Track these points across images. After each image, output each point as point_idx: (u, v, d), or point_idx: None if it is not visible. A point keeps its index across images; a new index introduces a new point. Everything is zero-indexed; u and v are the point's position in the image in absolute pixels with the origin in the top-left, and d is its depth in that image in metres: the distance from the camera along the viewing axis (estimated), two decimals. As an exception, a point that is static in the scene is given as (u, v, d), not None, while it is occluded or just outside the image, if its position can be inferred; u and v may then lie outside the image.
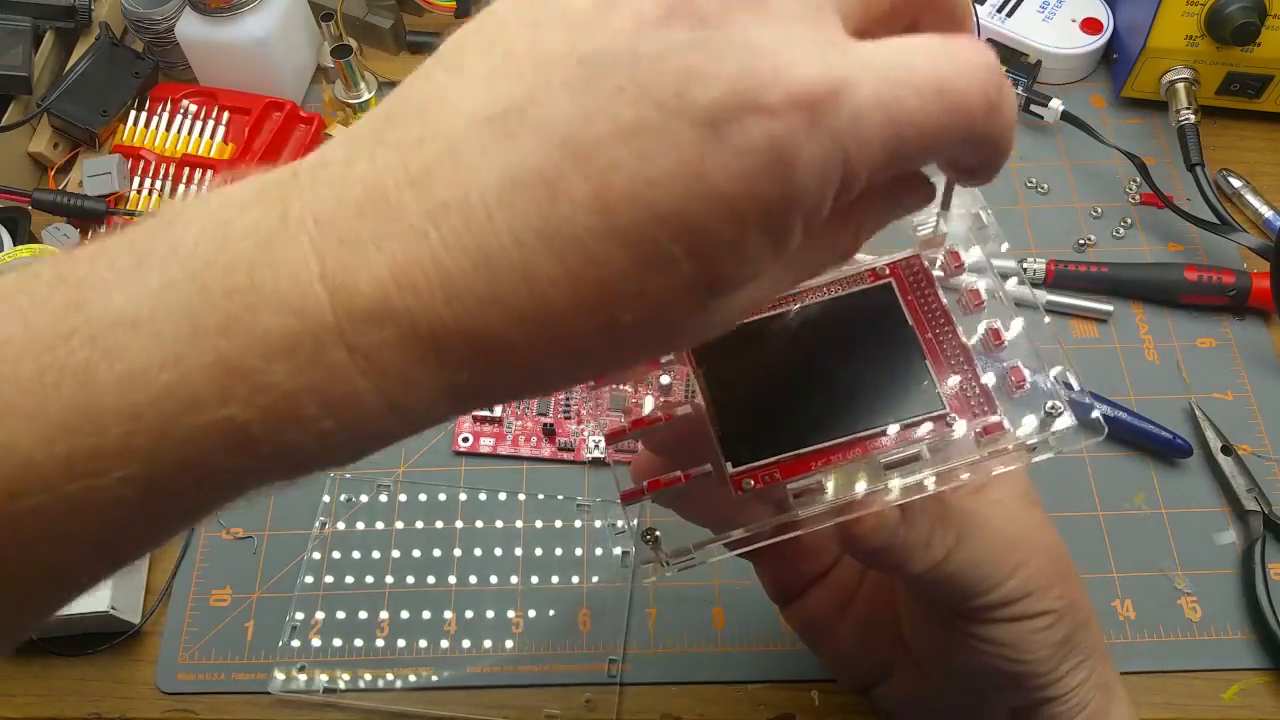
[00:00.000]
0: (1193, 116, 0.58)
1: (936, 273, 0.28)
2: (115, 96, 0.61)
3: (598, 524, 0.50)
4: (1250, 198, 0.59)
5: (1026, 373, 0.26)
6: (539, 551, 0.49)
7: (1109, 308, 0.55)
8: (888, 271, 0.28)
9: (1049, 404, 0.25)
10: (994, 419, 0.26)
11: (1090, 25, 0.63)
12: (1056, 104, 0.60)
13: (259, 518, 0.51)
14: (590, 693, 0.45)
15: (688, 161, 0.19)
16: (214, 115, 0.61)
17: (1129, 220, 0.58)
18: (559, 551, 0.49)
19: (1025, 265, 0.56)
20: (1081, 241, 0.58)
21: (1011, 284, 0.26)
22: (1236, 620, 0.47)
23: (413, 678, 0.46)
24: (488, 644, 0.47)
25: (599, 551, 0.49)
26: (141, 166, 0.60)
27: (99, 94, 0.61)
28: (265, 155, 0.60)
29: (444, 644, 0.47)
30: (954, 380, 0.27)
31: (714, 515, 0.30)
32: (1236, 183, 0.59)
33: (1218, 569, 0.48)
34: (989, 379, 0.27)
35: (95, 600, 0.45)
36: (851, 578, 0.37)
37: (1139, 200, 0.59)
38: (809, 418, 0.27)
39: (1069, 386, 0.26)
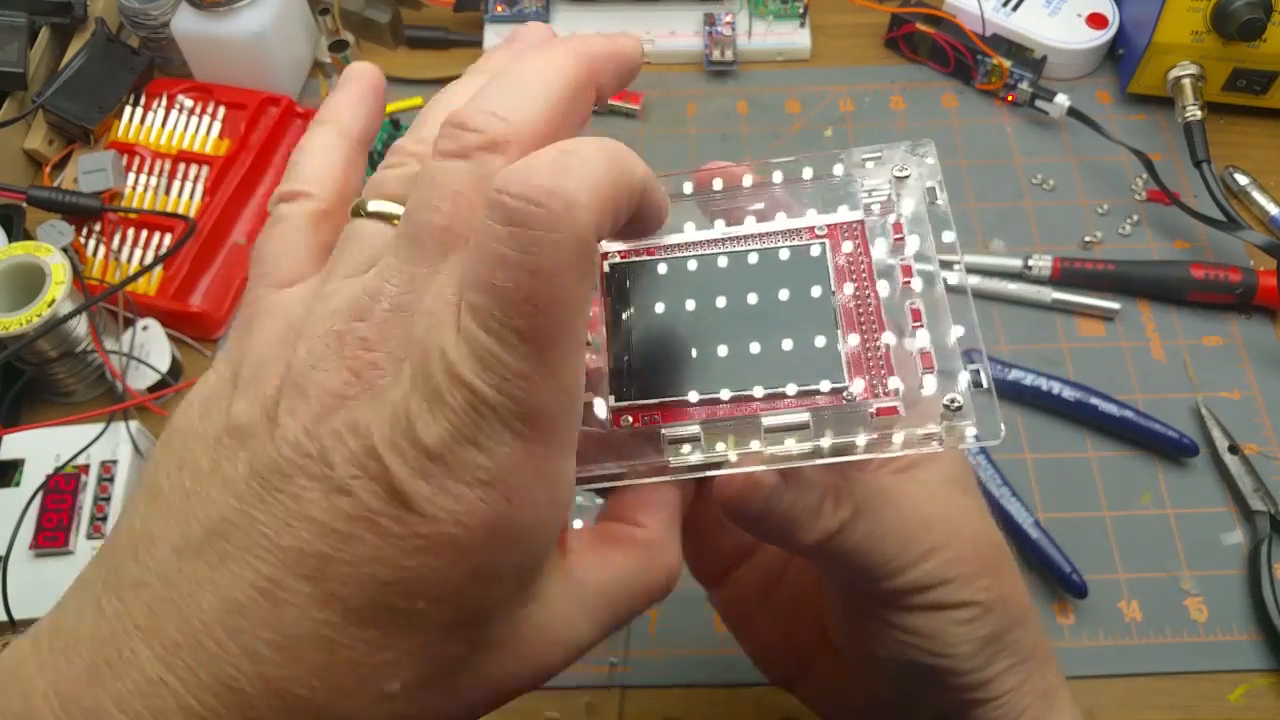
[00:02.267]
0: (1199, 112, 0.57)
1: (878, 244, 0.28)
2: (111, 92, 0.61)
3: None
4: (1256, 195, 0.58)
5: (935, 360, 0.25)
6: (539, 552, 0.48)
7: (1115, 305, 0.54)
8: (825, 232, 0.28)
9: (949, 397, 0.24)
10: (890, 403, 0.25)
11: (1096, 20, 0.63)
12: (1062, 99, 0.60)
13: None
14: (590, 696, 0.45)
15: (390, 529, 0.20)
16: (210, 111, 0.61)
17: (1135, 217, 0.58)
18: (559, 552, 0.48)
19: (1031, 263, 0.55)
20: (1088, 239, 0.57)
21: (1014, 284, 0.25)
22: (1243, 621, 0.46)
23: (411, 680, 0.46)
24: (487, 646, 0.46)
25: (599, 552, 0.48)
26: (137, 162, 0.59)
27: (94, 90, 0.60)
28: (261, 150, 0.60)
29: (443, 646, 0.46)
30: (861, 354, 0.26)
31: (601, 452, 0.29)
32: (1243, 179, 0.59)
33: (1224, 569, 0.47)
34: (897, 360, 0.26)
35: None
36: (776, 562, 0.35)
37: (1145, 197, 0.59)
38: (709, 368, 0.26)
39: (977, 384, 0.25)
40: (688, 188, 0.29)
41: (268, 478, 0.21)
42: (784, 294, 0.27)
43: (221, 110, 0.61)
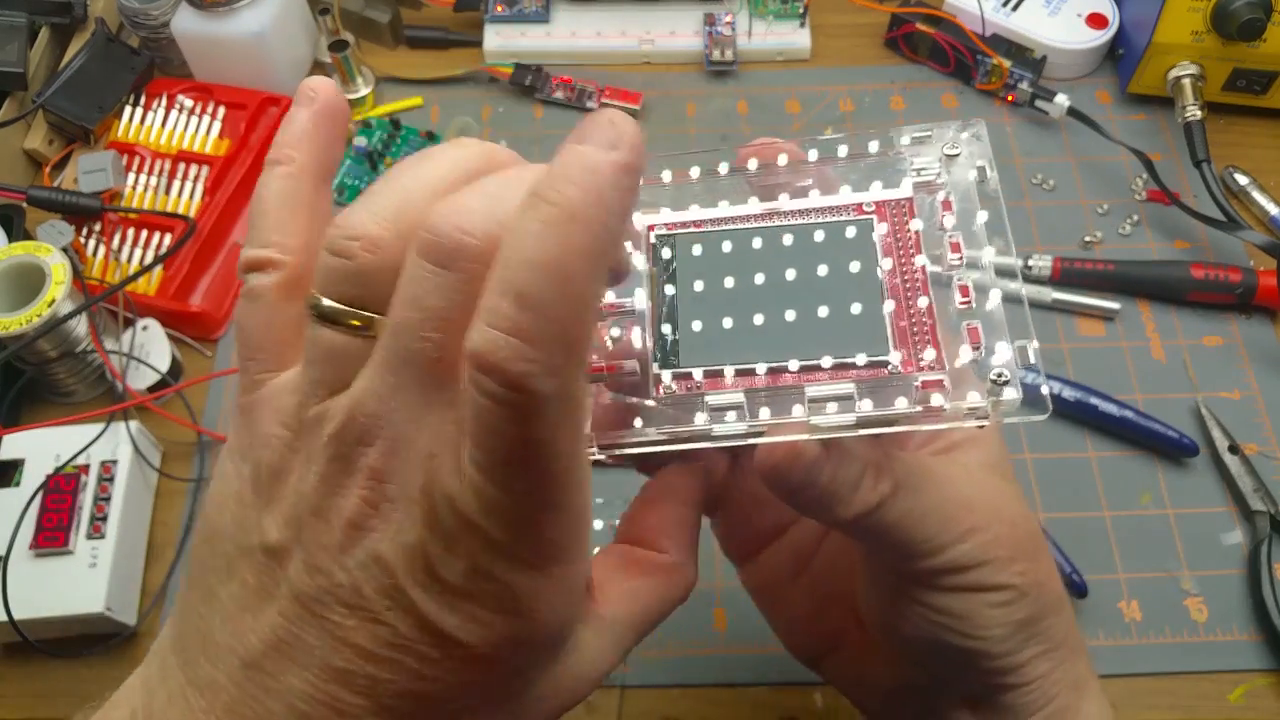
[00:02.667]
0: (1199, 112, 0.57)
1: (923, 222, 0.28)
2: (111, 92, 0.61)
3: (598, 524, 0.49)
4: (1256, 194, 0.58)
5: (983, 336, 0.25)
6: (539, 552, 0.48)
7: (1115, 305, 0.54)
8: (873, 208, 0.28)
9: (995, 372, 0.24)
10: (935, 376, 0.25)
11: (1096, 20, 0.63)
12: (1062, 99, 0.60)
13: (256, 518, 0.50)
14: (590, 695, 0.45)
15: (431, 656, 0.22)
16: (210, 111, 0.61)
17: (1135, 217, 0.58)
18: (559, 552, 0.48)
19: (1031, 263, 0.55)
20: (1088, 239, 0.57)
21: (1014, 284, 0.25)
22: (1243, 621, 0.46)
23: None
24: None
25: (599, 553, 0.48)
26: (137, 162, 0.59)
27: (94, 90, 0.60)
28: (262, 150, 0.60)
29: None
30: (906, 328, 0.26)
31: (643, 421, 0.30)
32: (1243, 179, 0.59)
33: (1224, 569, 0.47)
34: (942, 335, 0.26)
35: (91, 601, 0.45)
36: (809, 540, 0.35)
37: (1145, 197, 0.59)
38: (754, 338, 0.26)
39: (1027, 362, 0.25)
40: (725, 168, 0.29)
41: (308, 604, 0.22)
42: (830, 269, 0.27)
43: (221, 110, 0.61)
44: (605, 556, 0.28)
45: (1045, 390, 0.24)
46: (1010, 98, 0.62)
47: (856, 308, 0.26)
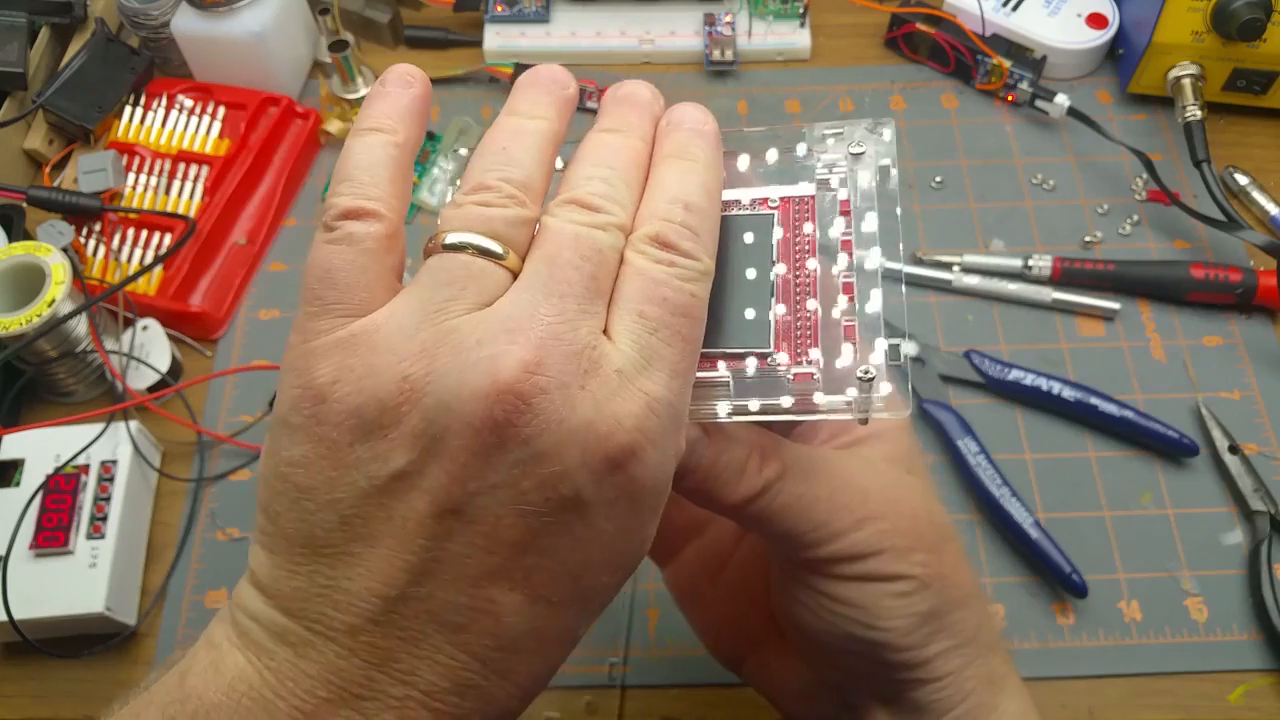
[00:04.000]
0: (1199, 112, 0.57)
1: (825, 218, 0.29)
2: (111, 92, 0.61)
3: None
4: (1256, 194, 0.58)
5: (858, 333, 0.27)
6: (539, 552, 0.48)
7: (1115, 305, 0.54)
8: (778, 204, 0.29)
9: (863, 369, 0.26)
10: (806, 369, 0.27)
11: (1096, 20, 0.63)
12: (1062, 99, 0.60)
13: (254, 518, 0.50)
14: (590, 695, 0.45)
15: (581, 534, 0.24)
16: (210, 111, 0.61)
17: (1135, 217, 0.58)
18: (559, 552, 0.48)
19: (1031, 263, 0.55)
20: (1088, 238, 0.57)
21: (1014, 284, 0.26)
22: (1243, 621, 0.46)
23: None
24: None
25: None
26: (137, 162, 0.59)
27: (94, 90, 0.60)
28: (261, 150, 0.60)
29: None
30: (790, 323, 0.27)
31: None
32: (1243, 179, 0.59)
33: (1224, 569, 0.47)
34: (823, 333, 0.27)
35: (91, 601, 0.45)
36: (726, 540, 0.36)
37: (1145, 197, 0.59)
38: (715, 319, 0.27)
39: (896, 360, 0.27)
40: None
41: (456, 513, 0.23)
42: (732, 258, 0.28)
43: (221, 110, 0.61)
44: None
45: (896, 388, 0.26)
46: (1010, 98, 0.62)
47: (748, 308, 0.28)
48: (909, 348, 0.26)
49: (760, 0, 0.65)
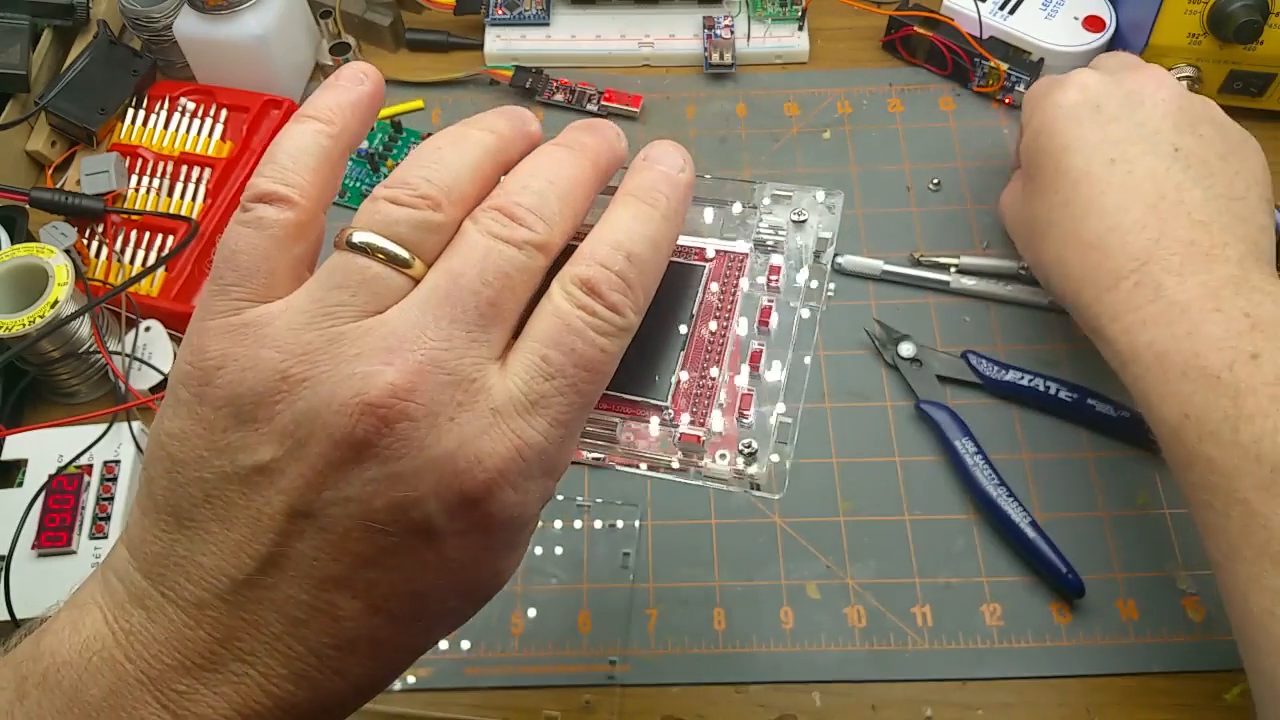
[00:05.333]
0: (1196, 114, 0.57)
1: (753, 280, 0.29)
2: (113, 94, 0.61)
3: (598, 524, 0.49)
4: (1253, 196, 0.58)
5: (753, 404, 0.27)
6: (539, 552, 0.49)
7: (1111, 307, 0.54)
8: (712, 257, 0.29)
9: (744, 442, 0.26)
10: (694, 431, 0.27)
11: (1092, 23, 0.63)
12: (1059, 102, 0.60)
13: (257, 518, 0.50)
14: (590, 694, 0.45)
15: (426, 559, 0.24)
16: (212, 113, 0.61)
17: (1131, 219, 0.58)
18: (559, 551, 0.49)
19: (1026, 267, 0.55)
20: (1084, 240, 0.57)
21: (1011, 286, 0.26)
22: (1240, 621, 0.46)
23: (411, 679, 0.46)
24: (487, 645, 0.47)
25: (599, 552, 0.49)
26: (139, 165, 0.59)
27: (97, 92, 0.61)
28: (263, 153, 0.60)
29: (443, 645, 0.47)
30: (692, 383, 0.28)
31: None
32: (1239, 181, 0.59)
33: (1221, 569, 0.48)
34: (723, 396, 0.27)
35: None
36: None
37: (1141, 199, 0.59)
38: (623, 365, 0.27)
39: (782, 440, 0.27)
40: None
41: (308, 515, 0.23)
42: (662, 303, 0.28)
43: (223, 113, 0.61)
44: None
45: (772, 467, 0.26)
46: (1008, 100, 0.63)
47: (657, 359, 0.28)
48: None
49: (759, 3, 0.65)
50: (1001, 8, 0.63)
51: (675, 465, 0.27)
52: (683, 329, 0.28)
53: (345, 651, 0.24)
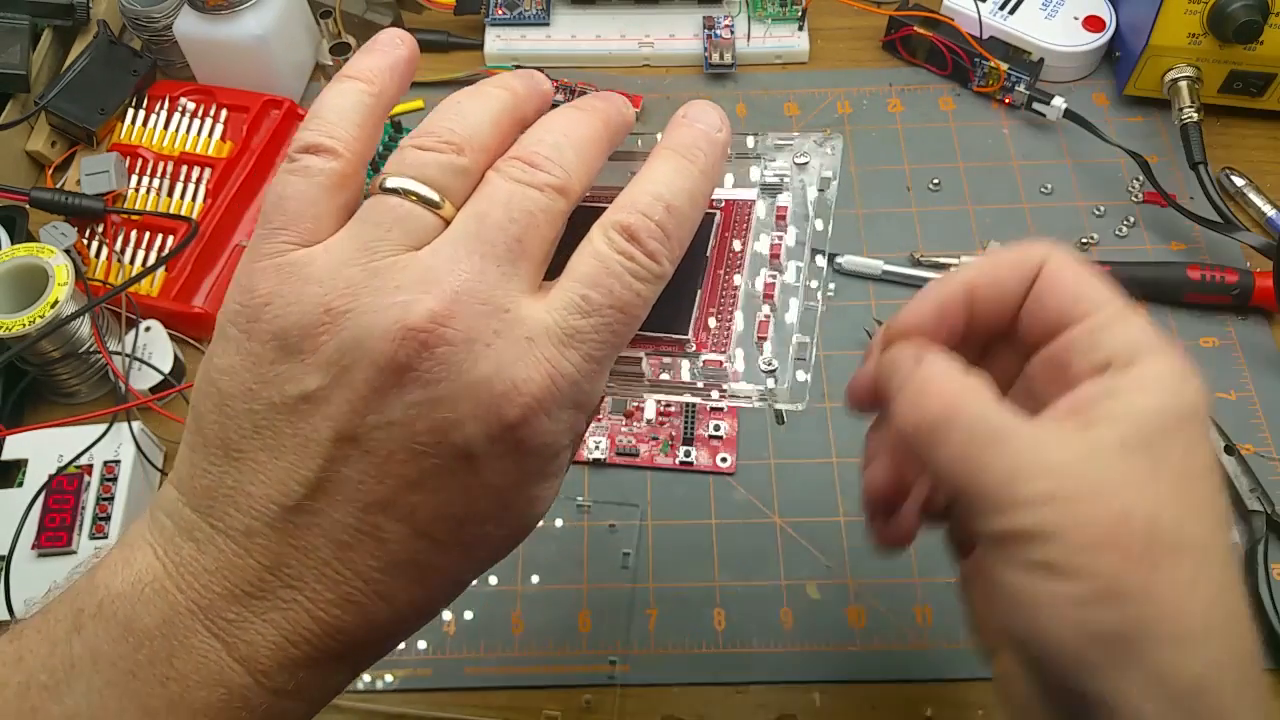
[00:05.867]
0: (1195, 115, 0.57)
1: (763, 225, 0.30)
2: (113, 94, 0.61)
3: (598, 524, 0.49)
4: (1253, 196, 0.58)
5: (770, 329, 0.28)
6: (540, 551, 0.49)
7: (1111, 307, 0.54)
8: (721, 204, 0.30)
9: (765, 359, 0.28)
10: (716, 356, 0.28)
11: (1092, 23, 0.63)
12: (1059, 102, 0.60)
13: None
14: (590, 694, 0.45)
15: (467, 482, 0.25)
16: (212, 113, 0.61)
17: (1132, 219, 0.58)
18: (559, 552, 0.49)
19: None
20: (1084, 240, 0.57)
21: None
22: (1239, 621, 0.46)
23: (412, 679, 0.46)
24: (487, 645, 0.47)
25: (599, 552, 0.49)
26: (139, 165, 0.59)
27: (97, 92, 0.61)
28: (263, 153, 0.60)
29: (443, 645, 0.47)
30: (709, 316, 0.29)
31: None
32: (1239, 181, 0.59)
33: (1221, 569, 0.48)
34: (739, 325, 0.29)
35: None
36: None
37: (1142, 199, 0.59)
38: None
39: (801, 358, 0.28)
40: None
41: (353, 440, 0.24)
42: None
43: (224, 113, 0.61)
44: None
45: (804, 377, 0.28)
46: (1007, 100, 0.63)
47: (676, 298, 0.29)
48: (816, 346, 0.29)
49: (759, 3, 0.65)
50: (1001, 8, 0.63)
51: (700, 386, 0.28)
52: (698, 270, 0.29)
53: (390, 575, 0.25)
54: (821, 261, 0.29)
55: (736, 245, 0.30)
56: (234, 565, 0.25)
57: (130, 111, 0.61)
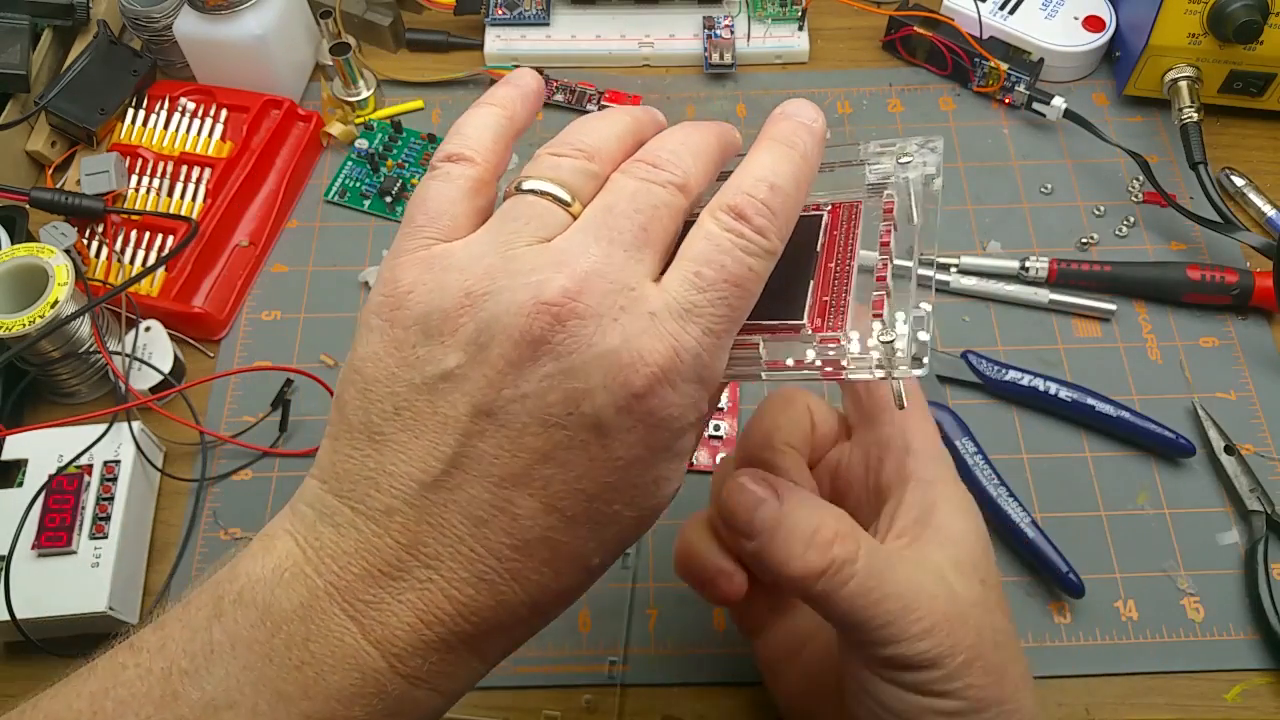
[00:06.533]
0: (1195, 115, 0.57)
1: (871, 222, 0.32)
2: (113, 94, 0.61)
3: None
4: (1253, 196, 0.58)
5: (888, 309, 0.29)
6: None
7: (1112, 307, 0.55)
8: (829, 208, 0.32)
9: (885, 335, 0.28)
10: (834, 334, 0.29)
11: (1092, 23, 0.63)
12: (1059, 102, 0.60)
13: (256, 518, 0.50)
14: (590, 693, 0.45)
15: (596, 455, 0.26)
16: (212, 113, 0.61)
17: (1132, 219, 0.58)
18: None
19: (1028, 264, 0.55)
20: (1084, 240, 0.57)
21: (1011, 286, 0.28)
22: (1239, 621, 0.46)
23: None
24: (487, 645, 0.47)
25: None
26: (139, 165, 0.59)
27: (97, 92, 0.61)
28: (263, 153, 0.60)
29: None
30: (825, 303, 0.30)
31: None
32: (1239, 181, 0.59)
33: (1220, 569, 0.48)
34: (853, 308, 0.30)
35: (93, 601, 0.45)
36: (806, 626, 0.37)
37: (1142, 199, 0.59)
38: (761, 300, 0.30)
39: (920, 336, 0.29)
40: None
41: (489, 414, 0.25)
42: (794, 247, 0.30)
43: (223, 113, 0.61)
44: None
45: (925, 336, 0.29)
46: (1007, 100, 0.63)
47: (790, 289, 0.30)
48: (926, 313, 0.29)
49: (759, 3, 0.65)
50: (1001, 8, 0.63)
51: (819, 364, 0.29)
52: (810, 265, 0.31)
53: (522, 554, 0.26)
54: (929, 245, 0.30)
55: (845, 241, 0.31)
56: (372, 546, 0.26)
57: (130, 111, 0.61)
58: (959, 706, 0.29)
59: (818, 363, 0.29)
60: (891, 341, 0.28)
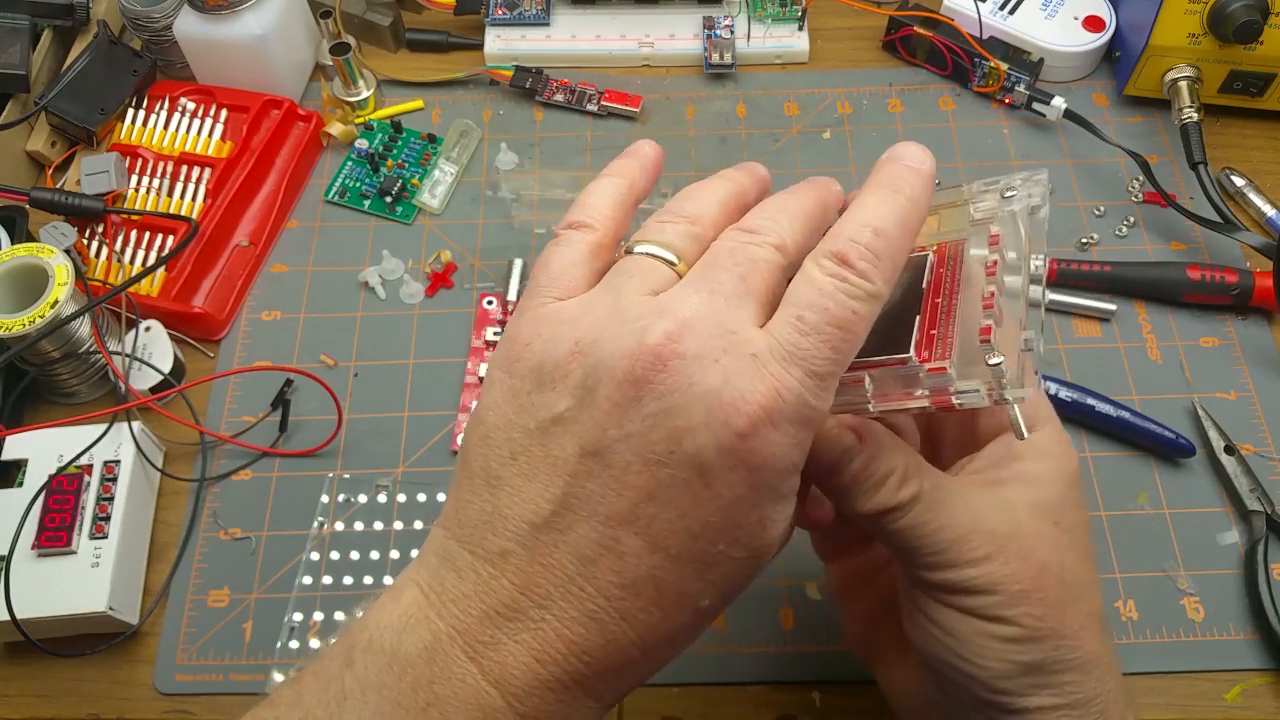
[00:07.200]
0: (1195, 115, 0.57)
1: (977, 250, 0.32)
2: (113, 94, 0.61)
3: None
4: (1253, 196, 0.58)
5: (994, 333, 0.29)
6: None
7: (1112, 307, 0.55)
8: (934, 248, 0.33)
9: (994, 358, 0.28)
10: (939, 364, 0.29)
11: (1092, 23, 0.63)
12: (1059, 102, 0.60)
13: (257, 518, 0.50)
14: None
15: (699, 494, 0.26)
16: (212, 113, 0.61)
17: (1132, 219, 0.58)
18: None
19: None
20: (1084, 240, 0.57)
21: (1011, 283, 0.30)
22: (1239, 621, 0.46)
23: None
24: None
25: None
26: (139, 165, 0.59)
27: (97, 92, 0.61)
28: (263, 153, 0.60)
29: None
30: (932, 336, 0.31)
31: None
32: (1239, 181, 0.59)
33: (1220, 569, 0.48)
34: (957, 338, 0.30)
35: (93, 600, 0.45)
36: (878, 558, 0.39)
37: (1142, 199, 0.59)
38: (869, 339, 0.30)
39: (1027, 360, 0.29)
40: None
41: (596, 454, 0.26)
42: (903, 287, 0.32)
43: (223, 113, 0.61)
44: None
45: (1024, 362, 0.29)
46: (1007, 100, 0.63)
47: (903, 318, 0.31)
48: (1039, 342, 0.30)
49: (759, 3, 0.65)
50: (1001, 8, 0.63)
51: (927, 393, 0.29)
52: (916, 303, 0.31)
53: (630, 592, 0.27)
54: (1039, 272, 0.30)
55: (951, 277, 0.31)
56: (490, 588, 0.27)
57: (130, 111, 0.61)
58: (1015, 633, 0.31)
59: (926, 392, 0.29)
60: (1000, 364, 0.28)
